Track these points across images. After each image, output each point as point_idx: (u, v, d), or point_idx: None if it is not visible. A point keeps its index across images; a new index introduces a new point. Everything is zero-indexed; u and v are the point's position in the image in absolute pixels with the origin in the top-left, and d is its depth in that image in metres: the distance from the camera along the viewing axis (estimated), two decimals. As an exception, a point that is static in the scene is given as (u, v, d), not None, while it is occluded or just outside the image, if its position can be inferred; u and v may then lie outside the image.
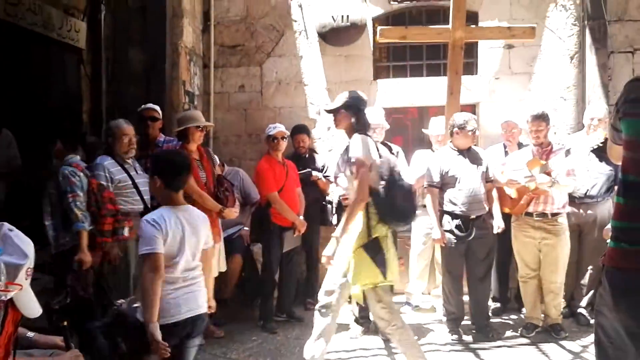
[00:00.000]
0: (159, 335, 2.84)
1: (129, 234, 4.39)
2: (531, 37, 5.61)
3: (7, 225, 2.27)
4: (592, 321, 4.98)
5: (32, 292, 2.40)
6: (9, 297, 2.21)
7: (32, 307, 2.37)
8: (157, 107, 5.28)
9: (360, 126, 3.91)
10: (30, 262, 2.29)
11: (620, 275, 2.16)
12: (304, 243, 5.76)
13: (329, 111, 4.13)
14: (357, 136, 3.82)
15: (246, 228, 5.60)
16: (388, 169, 3.85)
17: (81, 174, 4.18)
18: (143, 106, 5.23)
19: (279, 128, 5.41)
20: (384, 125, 5.11)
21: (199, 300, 3.10)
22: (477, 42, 6.35)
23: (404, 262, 5.98)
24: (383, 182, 3.79)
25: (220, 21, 6.70)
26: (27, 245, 2.31)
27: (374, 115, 5.12)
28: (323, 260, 3.82)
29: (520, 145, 5.54)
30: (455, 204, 4.87)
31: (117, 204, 4.37)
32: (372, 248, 3.73)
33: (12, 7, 5.03)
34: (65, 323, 2.75)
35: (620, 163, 2.27)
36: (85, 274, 4.12)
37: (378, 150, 3.87)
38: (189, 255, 3.04)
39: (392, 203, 3.74)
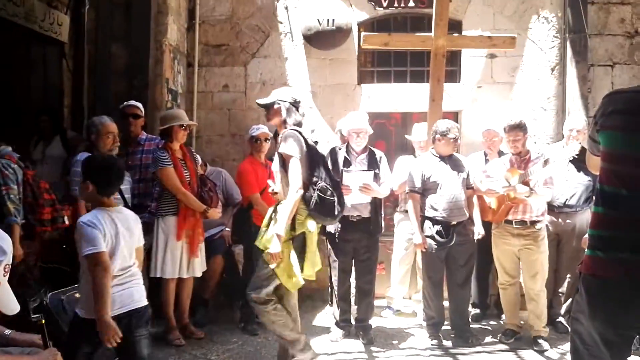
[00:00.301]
0: (114, 325, 2.92)
1: (68, 222, 4.34)
2: (511, 46, 5.68)
3: None
4: (570, 329, 5.08)
5: (10, 288, 2.35)
6: None
7: (10, 304, 2.33)
8: (140, 105, 5.23)
9: (291, 121, 3.96)
10: (8, 259, 2.27)
11: (596, 283, 2.21)
12: (285, 245, 5.74)
13: (261, 105, 4.14)
14: (287, 131, 3.87)
15: (228, 229, 5.56)
16: (317, 164, 3.90)
17: (15, 166, 4.06)
18: (126, 103, 5.17)
19: (262, 129, 5.39)
20: (368, 130, 5.12)
21: (135, 295, 3.16)
22: (460, 50, 6.42)
23: (385, 266, 6.02)
24: (314, 178, 3.84)
25: (205, 20, 6.64)
26: (5, 241, 2.28)
27: (358, 119, 5.14)
28: (267, 258, 3.83)
29: (500, 154, 5.61)
30: (436, 210, 4.91)
31: (52, 193, 4.32)
32: (298, 242, 3.83)
33: (-7, -3, 4.91)
34: (43, 321, 2.72)
35: (598, 174, 2.33)
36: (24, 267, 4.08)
37: (308, 146, 3.90)
38: (126, 254, 3.10)
39: (320, 198, 3.79)
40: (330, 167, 5.02)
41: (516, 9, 6.45)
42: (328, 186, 3.83)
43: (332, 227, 5.00)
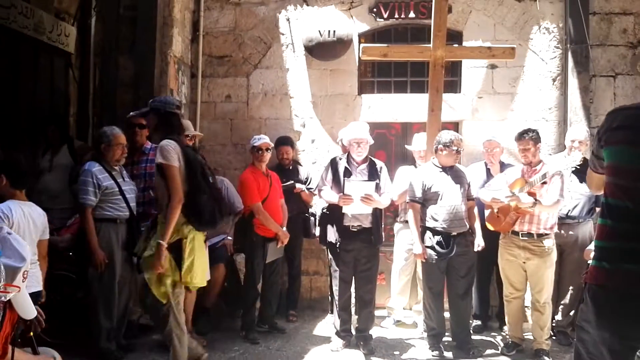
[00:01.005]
0: None
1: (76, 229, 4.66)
2: (511, 57, 5.72)
3: (5, 228, 2.32)
4: (573, 341, 5.07)
5: (27, 294, 2.43)
6: (8, 299, 2.24)
7: (27, 308, 2.40)
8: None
9: (168, 130, 3.98)
10: (27, 265, 2.33)
11: (601, 293, 2.26)
12: (287, 254, 5.81)
13: (138, 114, 4.19)
14: (163, 142, 3.89)
15: (229, 238, 5.61)
16: (195, 172, 3.91)
17: None
18: (132, 113, 5.23)
19: (263, 139, 5.44)
20: (369, 140, 5.17)
21: (33, 281, 3.44)
22: (461, 61, 6.46)
23: (385, 277, 6.05)
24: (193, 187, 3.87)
25: (209, 32, 6.75)
26: (24, 248, 2.34)
27: (359, 130, 5.18)
28: (146, 266, 3.84)
29: (501, 164, 5.65)
30: (436, 220, 4.92)
31: None
32: (175, 249, 3.83)
33: (4, 9, 5.02)
34: (32, 334, 2.76)
35: (598, 192, 2.39)
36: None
37: (186, 154, 3.92)
38: (29, 244, 3.22)
39: (197, 205, 3.83)
40: (331, 176, 5.12)
41: (517, 19, 6.50)
42: (207, 194, 3.88)
43: (332, 237, 5.05)
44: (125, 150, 4.69)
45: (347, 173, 5.08)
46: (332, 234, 5.07)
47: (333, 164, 5.23)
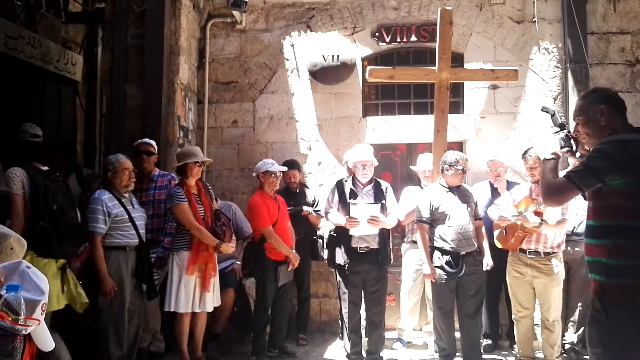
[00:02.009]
0: None
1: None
2: (514, 79, 5.81)
3: (24, 262, 2.33)
4: (583, 358, 5.06)
5: (46, 326, 2.45)
6: (28, 332, 2.26)
7: (47, 341, 2.42)
8: (153, 142, 5.35)
9: (25, 157, 4.19)
10: (45, 298, 2.35)
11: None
12: (295, 277, 5.81)
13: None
14: (9, 169, 4.06)
15: (238, 262, 5.63)
16: (37, 197, 4.04)
17: None
18: (140, 140, 5.30)
19: (277, 166, 5.45)
20: (373, 162, 5.22)
21: None
22: (463, 82, 6.55)
23: (395, 297, 6.05)
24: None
25: (215, 58, 6.86)
26: (43, 281, 2.36)
27: (364, 152, 5.24)
28: None
29: (507, 183, 5.69)
30: (445, 241, 4.94)
31: None
32: None
33: (12, 40, 5.10)
34: None
35: (554, 206, 2.52)
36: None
37: (33, 180, 4.06)
38: None
39: (34, 231, 3.92)
40: (337, 199, 5.16)
41: (517, 41, 6.60)
42: (44, 223, 3.99)
43: (340, 259, 5.07)
44: (132, 175, 4.73)
45: (353, 195, 5.13)
46: (340, 256, 5.10)
47: (339, 186, 5.28)
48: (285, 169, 5.60)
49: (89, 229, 4.55)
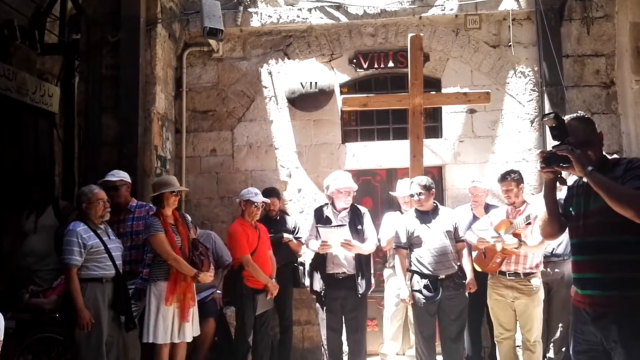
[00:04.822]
0: None
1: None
2: (487, 101, 5.91)
3: None
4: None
5: None
6: None
7: None
8: (119, 175, 5.18)
9: None
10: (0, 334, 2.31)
11: None
12: (277, 305, 5.75)
13: None
14: None
15: (219, 291, 5.56)
16: None
17: None
18: (102, 179, 5.11)
19: (261, 197, 5.44)
20: (353, 188, 5.23)
21: None
22: (440, 107, 6.60)
23: (378, 323, 6.01)
24: None
25: (192, 87, 6.87)
26: None
27: (344, 179, 5.25)
28: None
29: (486, 206, 5.71)
30: (422, 264, 4.94)
31: None
32: None
33: (-14, 74, 5.09)
34: None
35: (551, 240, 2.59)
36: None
37: None
38: None
39: None
40: (316, 224, 5.15)
41: (493, 65, 6.68)
42: None
43: (317, 286, 5.05)
44: (107, 205, 4.67)
45: (328, 221, 5.12)
46: (317, 282, 5.10)
47: (317, 213, 5.29)
48: (268, 200, 5.58)
49: (64, 261, 4.49)
